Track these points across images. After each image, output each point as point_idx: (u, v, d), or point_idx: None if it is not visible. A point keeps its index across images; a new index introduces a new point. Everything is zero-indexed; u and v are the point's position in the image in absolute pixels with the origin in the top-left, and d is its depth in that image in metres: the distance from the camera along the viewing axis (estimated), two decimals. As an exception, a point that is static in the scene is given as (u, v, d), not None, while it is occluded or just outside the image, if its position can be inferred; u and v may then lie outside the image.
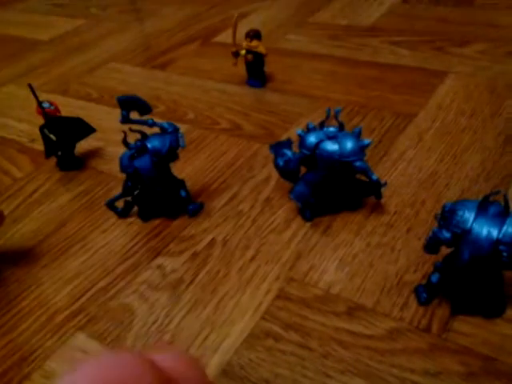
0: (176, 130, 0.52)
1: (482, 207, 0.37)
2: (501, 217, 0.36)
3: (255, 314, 0.44)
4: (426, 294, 0.42)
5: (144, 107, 0.49)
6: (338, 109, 0.49)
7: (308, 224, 0.53)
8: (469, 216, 0.37)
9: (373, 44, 0.91)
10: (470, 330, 0.40)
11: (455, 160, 0.58)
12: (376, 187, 0.50)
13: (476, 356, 0.38)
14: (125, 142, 0.52)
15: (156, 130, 0.52)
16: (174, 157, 0.52)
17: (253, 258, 0.50)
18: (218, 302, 0.46)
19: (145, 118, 0.51)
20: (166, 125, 0.51)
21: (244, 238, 0.52)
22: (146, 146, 0.51)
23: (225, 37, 1.03)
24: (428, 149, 0.61)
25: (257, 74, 0.81)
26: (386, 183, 0.50)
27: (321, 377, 0.38)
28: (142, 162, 0.51)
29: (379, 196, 0.52)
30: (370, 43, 0.91)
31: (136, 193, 0.55)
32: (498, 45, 0.84)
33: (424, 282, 0.43)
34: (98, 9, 1.38)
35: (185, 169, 0.64)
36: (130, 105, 0.49)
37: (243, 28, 0.78)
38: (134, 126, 0.51)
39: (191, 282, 0.48)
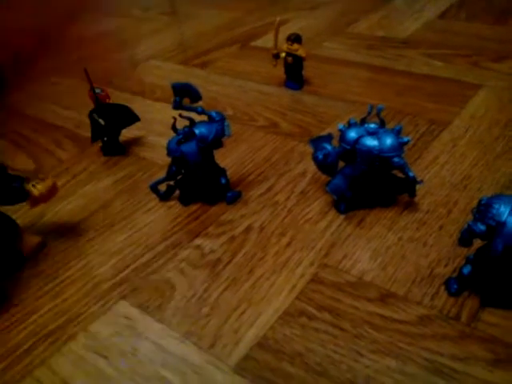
0: (223, 118, 0.54)
1: (517, 202, 0.39)
2: (536, 212, 0.38)
3: (290, 295, 0.46)
4: (456, 285, 0.44)
5: (195, 95, 0.52)
6: (380, 106, 0.51)
7: (342, 216, 0.55)
8: (504, 209, 0.38)
9: (408, 55, 0.93)
10: (498, 320, 0.41)
11: (488, 166, 0.60)
12: (411, 184, 0.52)
13: (503, 345, 0.40)
14: (174, 128, 0.55)
15: (204, 118, 0.55)
16: (218, 144, 0.55)
17: (288, 245, 0.52)
18: (254, 281, 0.48)
19: (195, 105, 0.54)
20: (213, 113, 0.54)
21: (280, 226, 0.55)
22: (194, 132, 0.54)
23: (263, 41, 1.07)
24: (461, 154, 0.63)
25: (295, 76, 0.84)
26: (421, 181, 0.52)
27: (353, 354, 0.40)
28: (189, 147, 0.54)
29: (413, 194, 0.54)
30: (406, 54, 0.93)
31: (179, 177, 0.58)
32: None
33: (455, 275, 0.45)
34: (140, 9, 1.43)
35: (224, 159, 0.67)
36: (183, 91, 0.52)
37: (281, 34, 0.81)
38: (184, 113, 0.54)
39: (229, 262, 0.51)
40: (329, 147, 0.53)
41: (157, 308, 0.46)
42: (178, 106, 0.52)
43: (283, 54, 0.82)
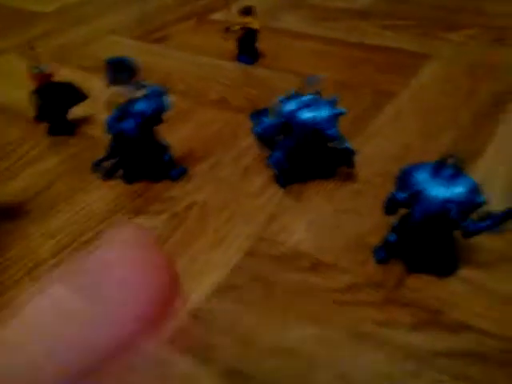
0: (162, 93, 0.54)
1: (436, 169, 0.39)
2: (452, 178, 0.39)
3: (225, 268, 0.47)
4: (383, 252, 0.45)
5: (132, 70, 0.52)
6: (315, 77, 0.51)
7: (282, 190, 0.56)
8: (422, 177, 0.39)
9: (362, 27, 0.93)
10: (421, 285, 0.43)
11: (429, 136, 0.61)
12: (347, 155, 0.53)
13: (424, 309, 0.41)
14: (111, 104, 0.54)
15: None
16: (158, 120, 0.55)
17: (228, 220, 0.53)
18: (191, 256, 0.49)
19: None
20: (152, 88, 0.54)
21: (222, 201, 0.55)
22: (132, 108, 0.53)
23: (221, 15, 1.05)
24: (404, 126, 0.64)
25: (248, 50, 0.83)
26: (355, 151, 0.53)
27: (280, 324, 0.41)
28: (127, 123, 0.54)
29: (351, 165, 0.54)
30: (360, 26, 0.93)
31: (121, 155, 0.58)
32: (484, 31, 0.87)
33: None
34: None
35: (171, 136, 0.66)
36: (119, 67, 0.51)
37: (236, 6, 0.80)
38: (122, 88, 0.53)
39: (168, 239, 0.51)
40: (267, 120, 0.53)
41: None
42: (113, 81, 0.52)
43: (236, 27, 0.81)
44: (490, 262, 0.44)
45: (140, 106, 0.53)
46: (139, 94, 0.54)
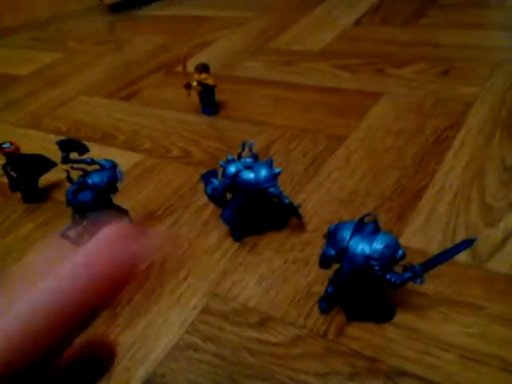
0: (114, 166, 0.58)
1: (359, 227, 0.42)
2: (372, 235, 0.42)
3: (180, 329, 0.50)
4: (325, 303, 0.47)
5: (82, 148, 0.56)
6: (251, 142, 0.55)
7: (237, 244, 0.59)
8: (346, 235, 0.42)
9: (320, 68, 0.97)
10: (360, 334, 0.45)
11: (374, 179, 0.64)
12: (291, 209, 0.56)
13: (361, 358, 0.43)
14: (68, 179, 0.58)
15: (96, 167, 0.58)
16: (113, 190, 0.58)
17: (185, 278, 0.56)
18: (149, 319, 0.51)
19: (85, 157, 0.57)
20: (103, 162, 0.57)
21: (180, 259, 0.58)
22: (87, 181, 0.57)
23: (188, 66, 1.10)
24: (352, 169, 0.67)
25: (209, 103, 0.87)
26: (299, 206, 0.56)
27: (229, 382, 0.44)
28: (85, 195, 0.57)
29: (298, 216, 0.58)
30: (318, 67, 0.97)
31: (85, 224, 0.61)
32: (434, 64, 0.90)
33: (326, 293, 0.49)
34: (76, 41, 1.45)
35: (136, 196, 0.70)
36: (69, 146, 0.55)
37: (203, 56, 0.84)
38: (76, 165, 0.57)
39: (128, 303, 0.54)
40: (215, 181, 0.57)
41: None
42: (66, 160, 0.55)
43: (194, 84, 0.85)
44: (423, 306, 0.47)
45: (94, 179, 0.57)
46: (93, 168, 0.58)
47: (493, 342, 0.43)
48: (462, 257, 0.50)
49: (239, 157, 0.56)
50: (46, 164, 0.74)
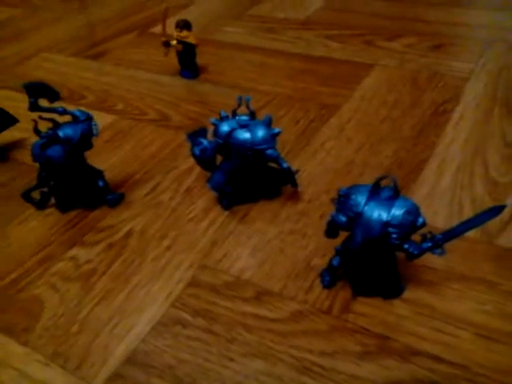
0: (89, 118, 0.51)
1: (374, 191, 0.38)
2: (390, 200, 0.38)
3: (165, 302, 0.44)
4: (328, 277, 0.43)
5: (53, 94, 0.48)
6: (248, 97, 0.49)
7: (226, 213, 0.53)
8: (361, 200, 0.38)
9: (306, 37, 0.92)
10: (368, 311, 0.41)
11: (372, 149, 0.60)
12: (288, 175, 0.51)
13: (372, 336, 0.40)
14: (36, 131, 0.51)
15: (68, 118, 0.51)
16: (87, 146, 0.52)
17: (168, 248, 0.50)
18: (129, 291, 0.46)
19: (56, 105, 0.50)
20: (78, 113, 0.51)
21: (162, 227, 0.52)
22: (58, 134, 0.50)
23: (167, 26, 1.02)
24: (347, 139, 0.63)
25: (188, 65, 0.81)
26: (297, 171, 0.51)
27: (223, 360, 0.39)
28: (54, 151, 0.50)
29: (294, 184, 0.53)
30: (304, 36, 0.92)
31: (52, 183, 0.54)
32: (426, 39, 0.87)
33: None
34: (38, -3, 1.33)
35: (109, 159, 0.63)
36: (38, 91, 0.48)
37: (180, 18, 0.78)
38: (45, 114, 0.50)
39: (104, 273, 0.48)
40: (205, 142, 0.51)
41: (23, 330, 0.43)
42: (34, 107, 0.48)
43: (174, 42, 0.78)
44: (433, 282, 0.43)
45: (66, 132, 0.50)
46: (65, 119, 0.51)
47: (510, 320, 0.40)
48: (472, 232, 0.47)
49: (234, 114, 0.50)
50: (6, 120, 0.65)
